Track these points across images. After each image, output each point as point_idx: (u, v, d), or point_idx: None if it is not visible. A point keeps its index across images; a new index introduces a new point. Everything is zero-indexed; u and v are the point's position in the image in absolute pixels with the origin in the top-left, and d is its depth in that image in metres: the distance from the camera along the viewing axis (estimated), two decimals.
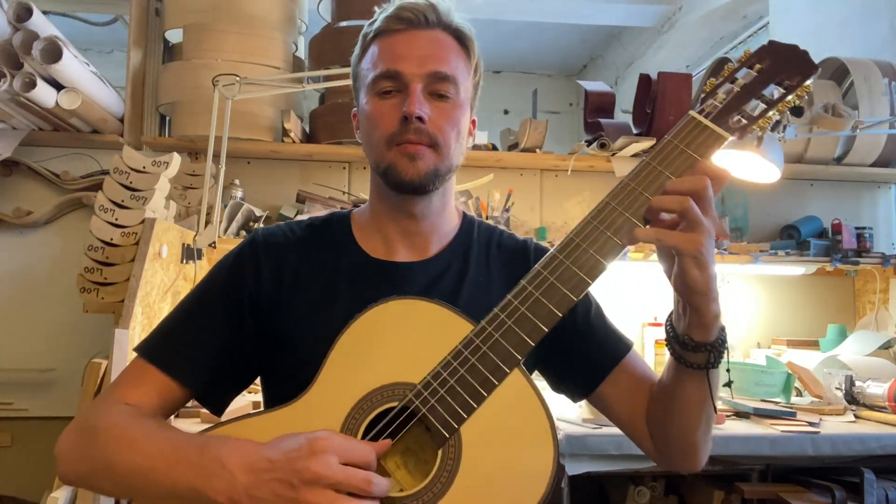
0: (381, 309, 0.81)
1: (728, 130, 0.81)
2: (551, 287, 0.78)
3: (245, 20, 2.29)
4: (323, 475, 0.69)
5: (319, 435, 0.72)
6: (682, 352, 0.82)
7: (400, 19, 0.92)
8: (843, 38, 3.05)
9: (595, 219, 0.79)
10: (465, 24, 0.96)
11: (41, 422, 2.25)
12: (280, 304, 0.93)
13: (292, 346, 0.91)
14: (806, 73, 0.82)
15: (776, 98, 0.82)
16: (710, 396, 0.84)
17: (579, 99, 5.62)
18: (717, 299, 0.78)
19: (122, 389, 0.89)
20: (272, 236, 0.98)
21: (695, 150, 0.79)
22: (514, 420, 0.75)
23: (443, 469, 0.74)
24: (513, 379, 0.75)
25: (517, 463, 0.74)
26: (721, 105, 0.82)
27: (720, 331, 0.82)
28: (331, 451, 0.70)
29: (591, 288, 0.79)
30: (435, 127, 0.90)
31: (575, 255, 0.78)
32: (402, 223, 0.96)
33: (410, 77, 0.89)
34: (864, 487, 1.69)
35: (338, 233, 1.00)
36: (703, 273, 0.75)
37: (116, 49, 4.69)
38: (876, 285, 2.58)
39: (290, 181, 2.48)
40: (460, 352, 0.76)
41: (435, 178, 0.91)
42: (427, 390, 0.76)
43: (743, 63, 0.85)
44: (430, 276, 0.95)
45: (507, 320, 0.77)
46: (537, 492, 0.73)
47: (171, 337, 0.93)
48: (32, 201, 2.35)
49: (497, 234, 1.04)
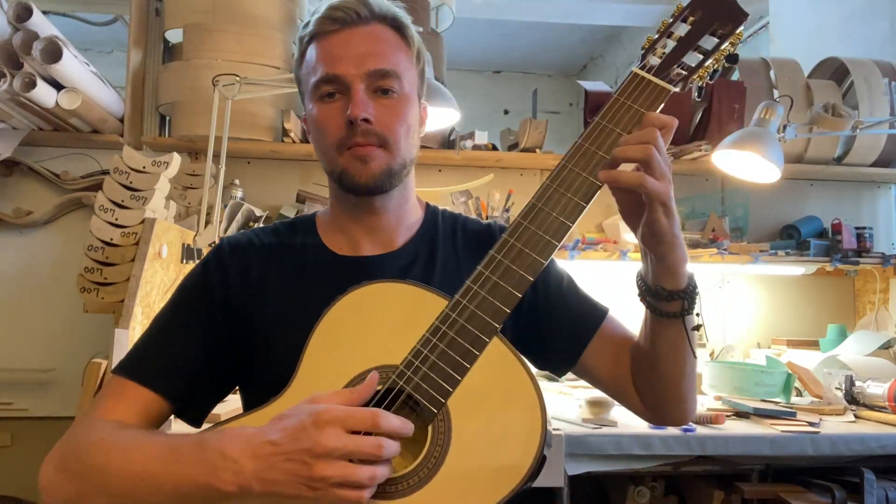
0: (353, 296, 0.81)
1: (670, 82, 0.84)
2: (520, 253, 0.79)
3: (245, 20, 2.29)
4: (333, 447, 0.69)
5: (321, 408, 0.71)
6: (656, 303, 0.86)
7: (332, 20, 0.90)
8: (843, 38, 3.05)
9: (554, 182, 0.81)
10: (400, 11, 0.94)
11: (41, 422, 2.25)
12: (250, 308, 0.92)
13: (266, 350, 0.91)
14: (736, 20, 0.86)
15: (711, 48, 0.86)
16: (689, 342, 0.87)
17: (579, 99, 5.61)
18: (682, 246, 0.82)
19: (100, 409, 0.87)
20: (237, 243, 0.98)
21: (641, 105, 0.82)
22: (499, 387, 0.76)
23: (435, 444, 0.75)
24: (493, 347, 0.76)
25: (507, 427, 0.75)
26: (661, 59, 0.85)
27: (690, 277, 0.85)
28: (336, 422, 0.70)
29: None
30: (382, 126, 0.88)
31: (539, 220, 0.80)
32: (365, 221, 0.96)
33: (350, 79, 0.88)
34: (864, 487, 1.69)
35: (303, 235, 0.99)
36: (670, 219, 0.79)
37: (116, 49, 4.69)
38: (876, 285, 2.58)
39: (290, 181, 2.49)
40: (438, 328, 0.77)
41: (390, 177, 0.91)
42: (409, 369, 0.76)
43: (677, 17, 0.88)
44: (399, 266, 0.95)
45: (481, 291, 0.78)
46: (530, 451, 0.74)
47: (145, 351, 0.92)
48: (32, 201, 2.34)
49: (461, 220, 1.05)
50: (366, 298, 0.81)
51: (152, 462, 0.76)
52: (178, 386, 0.90)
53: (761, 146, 1.99)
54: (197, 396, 0.93)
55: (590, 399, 1.80)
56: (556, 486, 1.63)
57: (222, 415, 1.47)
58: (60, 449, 0.82)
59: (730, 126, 2.34)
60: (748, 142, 2.01)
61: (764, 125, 2.03)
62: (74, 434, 0.83)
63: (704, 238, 2.49)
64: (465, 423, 0.75)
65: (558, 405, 1.95)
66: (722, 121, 2.38)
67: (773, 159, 1.99)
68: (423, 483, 0.74)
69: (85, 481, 0.78)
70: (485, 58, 5.78)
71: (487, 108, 5.79)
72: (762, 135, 2.01)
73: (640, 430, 1.70)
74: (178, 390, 0.90)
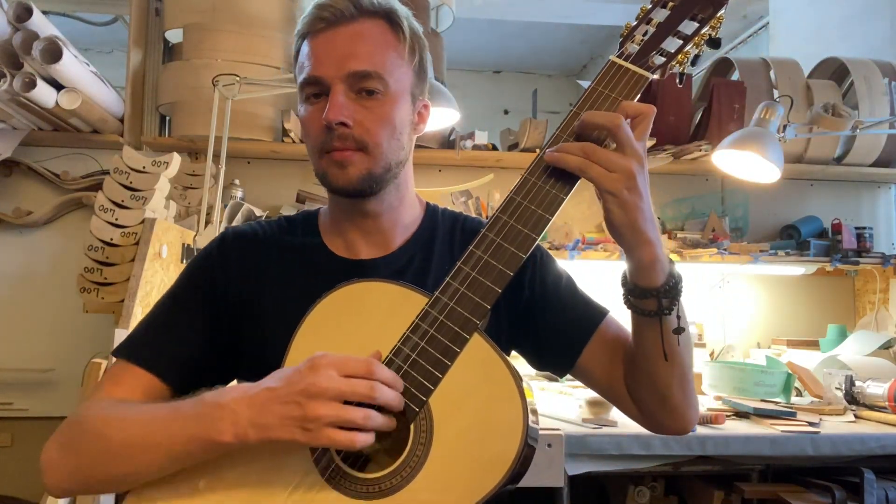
0: (338, 294, 0.81)
1: (648, 69, 0.82)
2: (499, 248, 0.78)
3: (245, 20, 2.29)
4: (326, 387, 0.69)
5: (316, 354, 0.72)
6: (632, 300, 0.83)
7: (320, 19, 0.88)
8: (843, 38, 3.05)
9: (532, 175, 0.80)
10: (393, 4, 0.90)
11: (41, 422, 2.24)
12: (249, 302, 0.93)
13: (261, 345, 0.91)
14: (717, 3, 0.84)
15: (691, 33, 0.84)
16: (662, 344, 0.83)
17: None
18: (653, 243, 0.78)
19: (103, 390, 0.88)
20: (242, 234, 0.98)
21: (619, 94, 0.81)
22: (480, 383, 0.76)
23: (417, 443, 0.75)
24: (473, 343, 0.76)
25: (488, 423, 0.74)
26: (639, 46, 0.84)
27: (669, 276, 0.81)
28: (330, 367, 0.71)
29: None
30: (362, 129, 0.86)
31: (518, 213, 0.79)
32: (359, 223, 0.95)
33: (331, 80, 0.86)
34: (864, 487, 1.69)
35: (306, 232, 0.99)
36: (628, 213, 0.76)
37: (116, 49, 4.69)
38: (876, 285, 2.58)
39: (290, 181, 2.48)
40: (418, 325, 0.77)
41: (371, 181, 0.88)
42: (391, 367, 0.76)
43: (656, 3, 0.86)
44: (395, 269, 0.94)
45: (461, 287, 0.77)
46: (512, 447, 0.73)
47: (147, 335, 0.93)
48: (32, 201, 2.35)
49: (461, 218, 1.03)
50: (351, 296, 0.81)
51: (151, 423, 0.77)
52: (179, 371, 0.90)
53: (761, 146, 1.99)
54: (197, 382, 0.93)
55: (590, 399, 1.80)
56: (556, 486, 1.63)
57: None
58: (60, 429, 0.84)
59: (730, 126, 2.34)
60: (748, 142, 2.01)
61: (764, 125, 2.03)
62: (75, 413, 0.85)
63: (704, 238, 2.49)
64: (446, 420, 0.75)
65: (558, 405, 1.95)
66: (722, 121, 2.38)
67: (773, 159, 1.99)
68: (405, 482, 0.74)
69: (84, 454, 0.79)
70: (485, 58, 5.78)
71: (487, 108, 5.79)
72: (762, 135, 2.01)
73: (640, 430, 1.66)
74: (180, 375, 0.91)
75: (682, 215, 2.66)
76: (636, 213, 0.76)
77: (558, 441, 1.63)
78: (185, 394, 0.92)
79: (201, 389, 0.93)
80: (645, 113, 0.78)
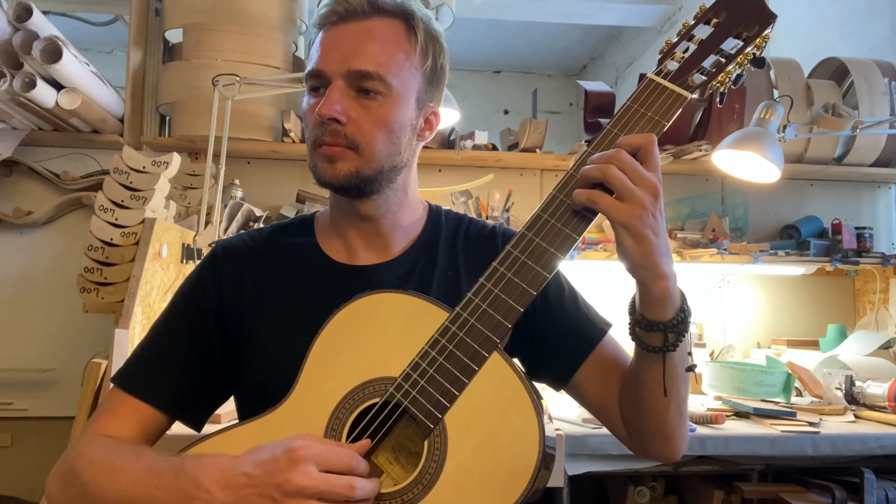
0: (354, 306, 0.80)
1: (687, 89, 0.79)
2: (523, 266, 0.76)
3: (245, 20, 2.29)
4: (304, 486, 0.68)
5: (297, 444, 0.71)
6: (639, 331, 0.81)
7: (334, 12, 0.88)
8: (843, 38, 3.05)
9: (560, 192, 0.78)
10: (413, 4, 0.89)
11: (41, 422, 2.24)
12: (244, 316, 0.92)
13: (260, 359, 0.90)
14: (764, 22, 0.80)
15: (735, 52, 0.80)
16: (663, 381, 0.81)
17: (579, 99, 5.62)
18: (666, 276, 0.76)
19: (100, 422, 0.89)
20: (232, 247, 0.97)
21: (655, 113, 0.78)
22: (497, 402, 0.75)
23: (430, 459, 0.74)
24: (493, 362, 0.75)
25: (504, 444, 0.74)
26: (679, 64, 0.80)
27: (678, 311, 0.79)
28: (310, 460, 0.69)
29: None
30: (355, 128, 0.85)
31: (544, 232, 0.77)
32: (358, 225, 0.94)
33: (331, 75, 0.86)
34: (864, 487, 1.69)
35: (300, 237, 0.97)
36: (640, 245, 0.73)
37: (116, 49, 4.69)
38: (876, 285, 2.58)
39: (290, 181, 2.48)
40: (437, 340, 0.76)
41: (359, 181, 0.87)
42: (407, 382, 0.75)
43: (699, 19, 0.83)
44: (397, 275, 0.93)
45: (482, 304, 0.76)
46: (527, 468, 0.72)
47: (142, 363, 0.93)
48: (32, 201, 2.34)
49: (465, 221, 1.01)
50: (368, 308, 0.80)
51: (135, 486, 0.77)
52: (175, 398, 0.90)
53: (761, 146, 1.99)
54: (195, 405, 0.93)
55: None
56: (557, 486, 1.63)
57: (222, 416, 1.47)
58: (62, 465, 0.85)
59: (730, 126, 2.34)
60: (748, 142, 2.01)
61: (764, 125, 2.03)
62: (75, 450, 0.85)
63: (704, 238, 2.49)
64: (461, 438, 0.74)
65: (558, 405, 1.95)
66: (722, 121, 2.38)
67: (773, 159, 1.99)
68: (417, 498, 0.73)
69: (80, 499, 0.81)
70: (485, 58, 5.79)
71: (487, 108, 5.80)
72: (762, 135, 2.01)
73: None
74: (176, 402, 0.90)
75: (682, 215, 2.66)
76: (649, 245, 0.74)
77: (558, 441, 1.63)
78: (185, 416, 0.93)
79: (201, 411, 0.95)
80: (643, 145, 0.75)
